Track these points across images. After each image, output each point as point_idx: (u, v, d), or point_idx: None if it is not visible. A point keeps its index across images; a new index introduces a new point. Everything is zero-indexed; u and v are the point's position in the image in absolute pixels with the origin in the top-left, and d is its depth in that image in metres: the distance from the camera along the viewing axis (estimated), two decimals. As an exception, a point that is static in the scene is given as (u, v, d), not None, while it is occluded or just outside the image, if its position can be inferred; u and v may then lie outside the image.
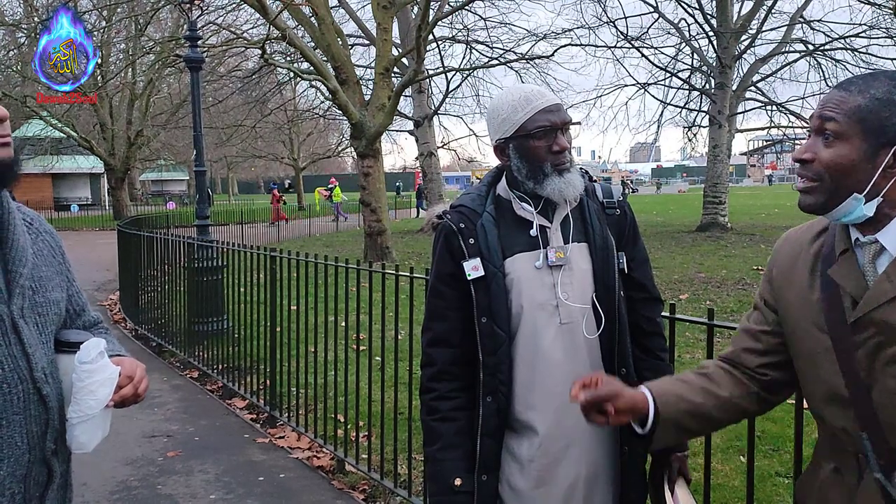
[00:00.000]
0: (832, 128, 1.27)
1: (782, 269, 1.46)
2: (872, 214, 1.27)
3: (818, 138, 1.29)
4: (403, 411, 3.77)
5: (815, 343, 1.35)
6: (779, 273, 1.46)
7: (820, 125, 1.29)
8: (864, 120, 1.24)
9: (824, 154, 1.28)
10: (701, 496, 2.34)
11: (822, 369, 1.34)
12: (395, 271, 3.72)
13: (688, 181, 76.07)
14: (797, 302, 1.40)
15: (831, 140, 1.27)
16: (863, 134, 1.25)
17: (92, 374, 1.41)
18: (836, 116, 1.27)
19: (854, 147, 1.25)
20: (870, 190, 1.26)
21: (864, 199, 1.26)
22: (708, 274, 11.38)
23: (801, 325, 1.38)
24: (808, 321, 1.36)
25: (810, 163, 1.29)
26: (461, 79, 21.03)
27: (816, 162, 1.29)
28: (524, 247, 1.78)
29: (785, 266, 1.45)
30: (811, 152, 1.30)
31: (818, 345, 1.34)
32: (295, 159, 41.32)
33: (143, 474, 4.27)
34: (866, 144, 1.25)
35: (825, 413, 1.37)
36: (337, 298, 4.27)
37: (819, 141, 1.29)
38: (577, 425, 1.77)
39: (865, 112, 1.25)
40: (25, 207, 1.53)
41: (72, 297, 1.57)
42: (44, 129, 29.56)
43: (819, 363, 1.34)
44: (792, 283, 1.42)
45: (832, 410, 1.34)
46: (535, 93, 1.79)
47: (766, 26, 19.37)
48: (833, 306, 1.32)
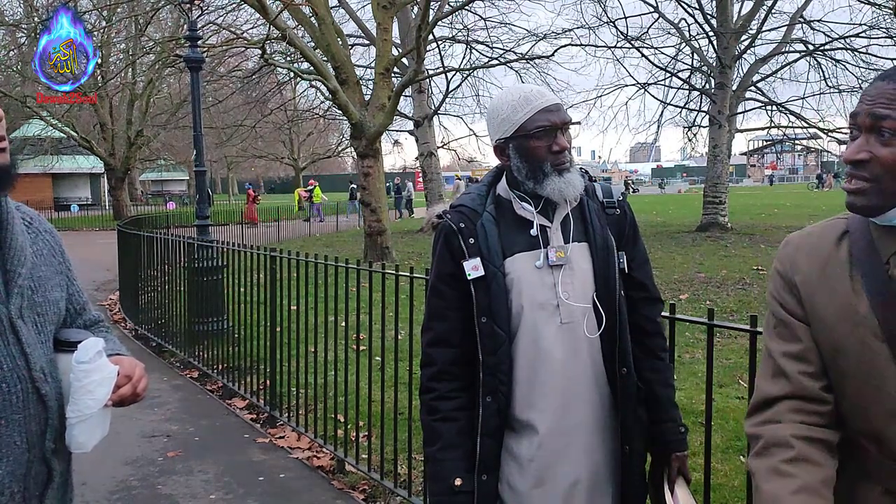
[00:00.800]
0: (890, 125, 1.16)
1: (809, 278, 1.32)
2: None
3: (870, 136, 1.19)
4: (403, 411, 3.77)
5: (872, 354, 1.22)
6: (805, 282, 1.32)
7: (873, 123, 1.19)
8: None
9: (884, 152, 1.17)
10: (701, 496, 2.34)
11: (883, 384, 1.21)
12: (395, 271, 3.72)
13: (688, 181, 76.04)
14: (838, 313, 1.27)
15: (889, 138, 1.17)
16: None
17: (90, 374, 1.41)
18: (892, 113, 1.16)
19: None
20: None
21: None
22: (708, 274, 11.38)
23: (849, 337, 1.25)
24: (858, 331, 1.24)
25: (866, 162, 1.19)
26: (461, 79, 21.03)
27: (874, 162, 1.18)
28: (524, 246, 1.78)
29: (812, 275, 1.32)
30: (866, 152, 1.19)
31: (877, 356, 1.21)
32: (295, 159, 41.38)
33: (143, 474, 4.27)
34: None
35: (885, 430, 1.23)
36: (337, 298, 4.27)
37: (873, 139, 1.19)
38: (577, 425, 1.77)
39: None
40: (25, 206, 1.53)
41: (72, 296, 1.57)
42: (44, 129, 29.55)
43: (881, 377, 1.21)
44: (827, 294, 1.29)
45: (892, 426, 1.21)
46: (535, 93, 1.79)
47: (766, 26, 19.37)
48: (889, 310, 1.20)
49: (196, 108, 8.12)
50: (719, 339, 6.78)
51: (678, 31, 20.06)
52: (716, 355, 2.48)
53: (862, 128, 1.21)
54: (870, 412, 1.25)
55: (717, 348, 5.33)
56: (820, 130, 20.12)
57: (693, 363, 6.14)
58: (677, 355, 5.15)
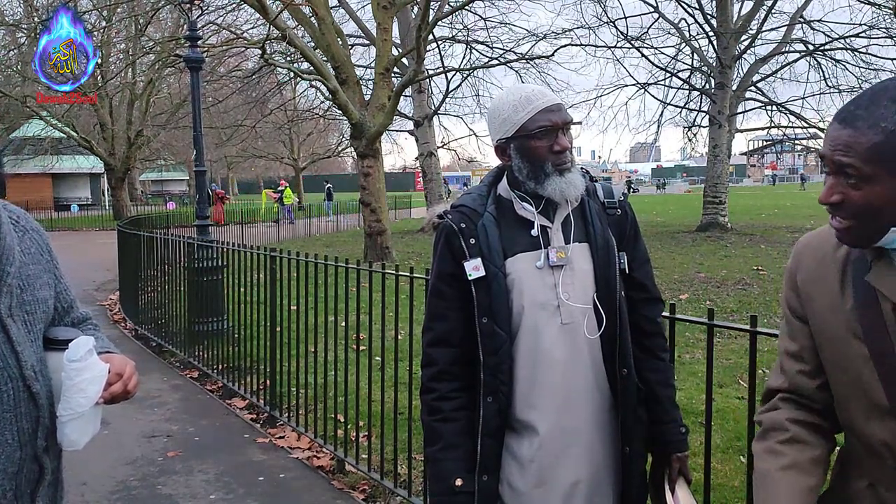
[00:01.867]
0: (854, 172, 1.20)
1: (808, 276, 1.38)
2: None
3: (839, 178, 1.23)
4: (403, 411, 3.77)
5: (852, 352, 1.28)
6: (804, 281, 1.39)
7: (838, 167, 1.22)
8: (886, 161, 1.18)
9: (855, 196, 1.21)
10: (701, 496, 2.34)
11: (860, 380, 1.27)
12: (395, 271, 3.72)
13: (688, 181, 76.04)
14: (828, 310, 1.33)
15: (857, 183, 1.20)
16: (889, 172, 1.18)
17: (81, 372, 1.41)
18: (853, 161, 1.20)
19: (885, 186, 1.19)
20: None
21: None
22: (708, 274, 11.38)
23: (835, 334, 1.32)
24: (843, 330, 1.30)
25: (840, 204, 1.23)
26: (461, 79, 21.04)
27: (848, 204, 1.22)
28: (525, 247, 1.78)
29: (811, 273, 1.38)
30: (839, 194, 1.23)
31: (856, 354, 1.27)
32: (295, 159, 41.35)
33: (143, 474, 4.27)
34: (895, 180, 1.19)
35: (864, 426, 1.29)
36: (337, 298, 4.27)
37: (842, 181, 1.23)
38: (578, 425, 1.77)
39: (884, 150, 1.17)
40: (11, 205, 1.53)
41: (60, 294, 1.57)
42: (44, 129, 29.55)
43: (857, 373, 1.28)
44: (820, 291, 1.35)
45: (872, 423, 1.27)
46: (536, 93, 1.78)
47: (766, 26, 19.39)
48: (871, 313, 1.25)
49: (196, 108, 8.12)
50: (719, 339, 6.77)
51: (678, 31, 20.07)
52: (716, 355, 2.48)
53: (829, 171, 1.25)
54: (850, 407, 1.31)
55: (717, 348, 5.34)
56: (820, 130, 20.09)
57: (693, 363, 6.14)
58: (677, 355, 5.15)
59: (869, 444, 1.29)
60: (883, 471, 1.28)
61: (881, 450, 1.27)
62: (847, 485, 1.37)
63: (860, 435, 1.31)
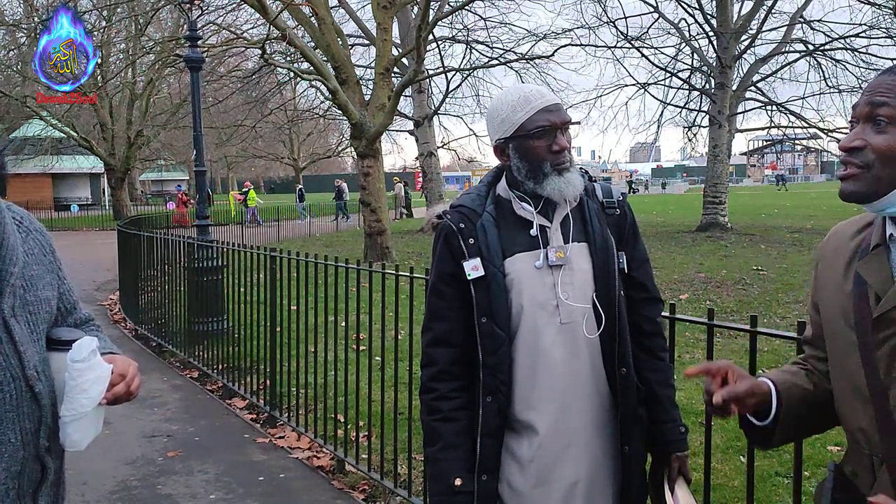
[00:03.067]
0: (886, 113, 1.20)
1: (825, 264, 1.41)
2: None
3: (867, 126, 1.23)
4: (403, 411, 3.77)
5: (843, 339, 1.30)
6: (822, 268, 1.41)
7: (871, 112, 1.22)
8: None
9: (877, 140, 1.21)
10: (701, 496, 2.34)
11: (847, 366, 1.29)
12: (395, 271, 3.72)
13: (688, 181, 76.04)
14: (833, 296, 1.35)
15: (885, 126, 1.20)
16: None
17: (84, 373, 1.41)
18: (889, 101, 1.20)
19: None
20: None
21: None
22: (708, 274, 11.38)
23: (834, 320, 1.34)
24: (839, 315, 1.32)
25: (860, 150, 1.22)
26: (461, 79, 21.05)
27: (868, 149, 1.21)
28: (524, 247, 1.78)
29: (828, 261, 1.40)
30: (861, 139, 1.22)
31: (846, 340, 1.30)
32: (295, 159, 41.43)
33: (143, 474, 4.27)
34: None
35: (847, 412, 1.32)
36: (337, 298, 4.27)
37: (869, 128, 1.22)
38: (578, 425, 1.77)
39: None
40: (15, 206, 1.53)
41: (62, 294, 1.58)
42: (44, 129, 29.54)
43: (846, 360, 1.30)
44: (830, 277, 1.37)
45: (853, 409, 1.29)
46: (535, 92, 1.79)
47: (766, 26, 19.39)
48: (861, 301, 1.27)
49: (196, 108, 8.12)
50: (719, 339, 6.77)
51: (678, 31, 20.08)
52: (716, 355, 2.48)
53: (860, 118, 1.24)
54: (838, 392, 1.35)
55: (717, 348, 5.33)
56: (820, 130, 20.14)
57: (693, 363, 6.12)
58: (677, 355, 5.14)
59: (848, 428, 1.32)
60: (860, 457, 1.30)
61: (858, 436, 1.29)
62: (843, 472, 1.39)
63: (844, 419, 1.34)
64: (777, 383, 1.39)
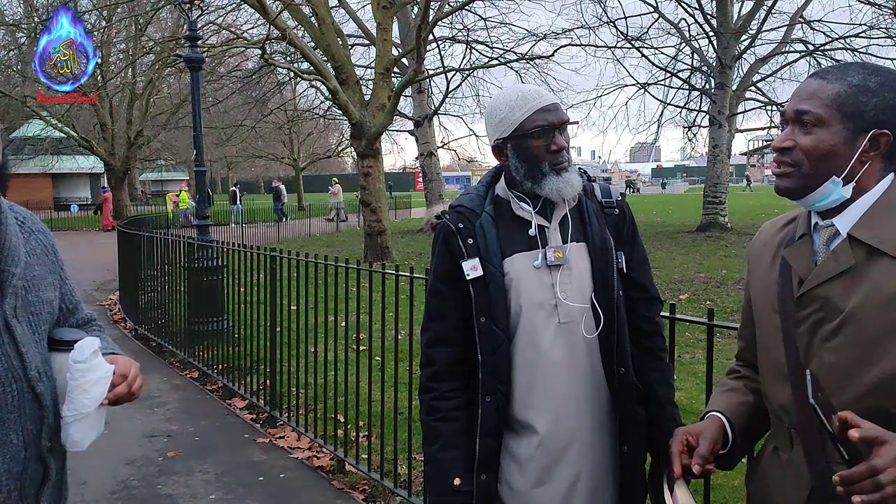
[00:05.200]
0: (811, 117, 1.31)
1: (754, 257, 1.53)
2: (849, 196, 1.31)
3: (795, 127, 1.34)
4: (403, 411, 3.77)
5: (769, 323, 1.41)
6: (752, 265, 1.53)
7: (797, 115, 1.33)
8: (842, 105, 1.29)
9: (804, 140, 1.32)
10: (701, 496, 2.34)
11: (772, 349, 1.39)
12: (395, 271, 3.72)
13: (688, 181, 76.01)
14: (760, 286, 1.46)
15: (810, 127, 1.31)
16: (842, 119, 1.29)
17: (86, 373, 1.41)
18: (811, 107, 1.31)
19: (834, 132, 1.30)
20: (847, 174, 1.30)
21: (841, 183, 1.31)
22: (708, 274, 11.38)
23: (760, 307, 1.45)
24: (766, 303, 1.42)
25: (790, 150, 1.34)
26: (461, 79, 21.01)
27: (797, 149, 1.33)
28: (523, 246, 1.78)
29: (756, 255, 1.52)
30: (790, 140, 1.34)
31: (770, 324, 1.40)
32: (295, 159, 41.36)
33: (143, 474, 4.27)
34: (845, 130, 1.29)
35: (771, 392, 1.41)
36: (337, 298, 4.27)
37: (797, 129, 1.33)
38: (577, 425, 1.77)
39: (844, 98, 1.29)
40: (17, 206, 1.53)
41: (65, 295, 1.58)
42: (44, 129, 29.51)
43: (770, 343, 1.40)
44: (758, 266, 1.49)
45: (775, 388, 1.39)
46: (533, 92, 1.79)
47: (766, 26, 19.38)
48: (784, 286, 1.37)
49: (196, 108, 8.12)
50: (719, 339, 6.76)
51: (678, 31, 20.07)
52: (716, 355, 2.48)
53: (788, 119, 1.36)
54: (763, 375, 1.45)
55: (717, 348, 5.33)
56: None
57: (693, 363, 6.14)
58: (677, 355, 5.14)
59: (773, 409, 1.42)
60: (781, 433, 1.39)
61: (780, 413, 1.39)
62: (762, 452, 1.50)
63: (769, 401, 1.44)
64: (727, 414, 1.50)
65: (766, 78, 20.77)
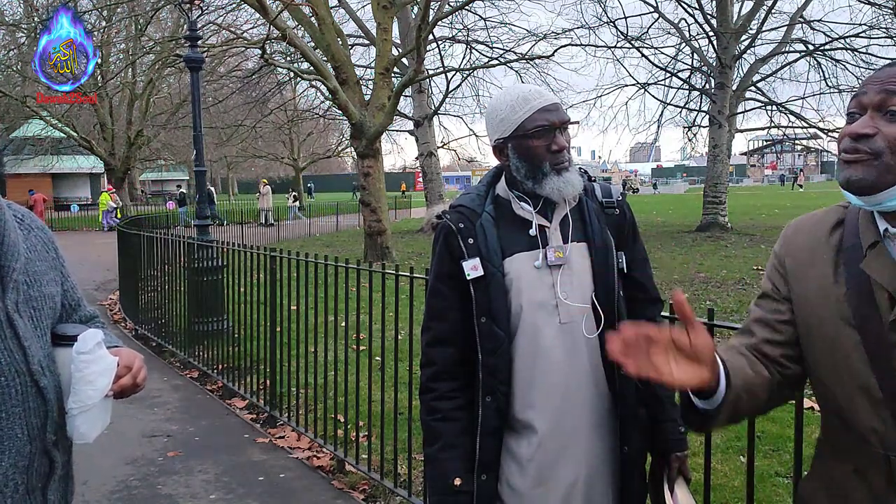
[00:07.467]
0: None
1: (798, 260, 1.38)
2: None
3: (877, 114, 1.22)
4: (403, 411, 3.77)
5: (843, 338, 1.27)
6: (794, 264, 1.38)
7: (883, 101, 1.21)
8: None
9: (890, 130, 1.19)
10: (701, 496, 2.34)
11: (850, 365, 1.26)
12: (395, 271, 3.72)
13: (687, 181, 76.00)
14: (818, 296, 1.32)
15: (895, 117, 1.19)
16: None
17: (90, 365, 1.42)
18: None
19: None
20: None
21: None
22: (708, 274, 11.38)
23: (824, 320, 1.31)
24: (833, 316, 1.29)
25: (870, 137, 1.21)
26: (461, 79, 21.03)
27: (879, 136, 1.20)
28: (523, 246, 1.78)
29: (801, 258, 1.37)
30: (872, 126, 1.21)
31: (847, 340, 1.26)
32: (295, 159, 41.39)
33: (143, 474, 4.27)
34: None
35: (852, 411, 1.28)
36: (337, 298, 4.27)
37: (879, 117, 1.21)
38: (577, 425, 1.77)
39: None
40: (16, 205, 1.54)
41: (67, 291, 1.58)
42: (44, 129, 29.51)
43: (848, 360, 1.27)
44: (810, 276, 1.35)
45: (862, 409, 1.26)
46: (534, 92, 1.79)
47: (766, 26, 19.39)
48: (864, 301, 1.25)
49: (196, 108, 8.13)
50: (719, 339, 6.74)
51: (678, 31, 20.08)
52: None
53: (869, 106, 1.23)
54: (836, 391, 1.31)
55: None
56: (820, 130, 20.14)
57: (693, 363, 6.13)
58: (677, 355, 5.13)
59: (856, 430, 1.29)
60: (871, 457, 1.28)
61: (870, 436, 1.26)
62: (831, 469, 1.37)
63: (846, 420, 1.31)
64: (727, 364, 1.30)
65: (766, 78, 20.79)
